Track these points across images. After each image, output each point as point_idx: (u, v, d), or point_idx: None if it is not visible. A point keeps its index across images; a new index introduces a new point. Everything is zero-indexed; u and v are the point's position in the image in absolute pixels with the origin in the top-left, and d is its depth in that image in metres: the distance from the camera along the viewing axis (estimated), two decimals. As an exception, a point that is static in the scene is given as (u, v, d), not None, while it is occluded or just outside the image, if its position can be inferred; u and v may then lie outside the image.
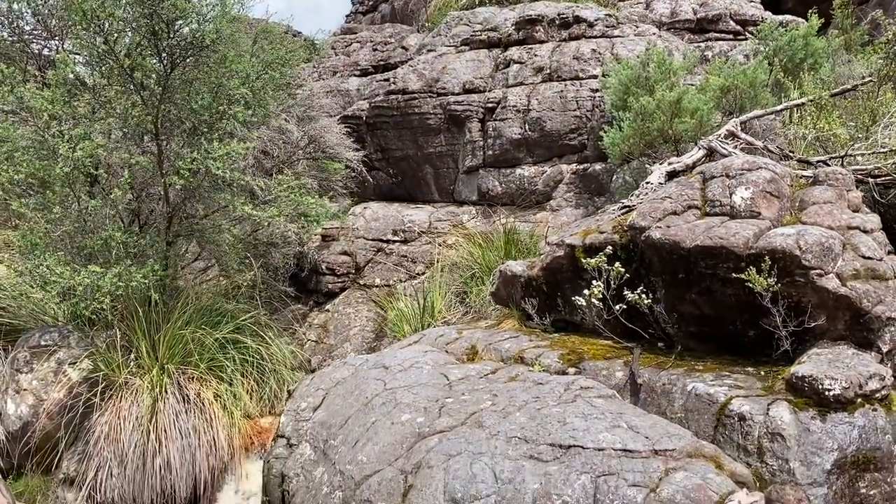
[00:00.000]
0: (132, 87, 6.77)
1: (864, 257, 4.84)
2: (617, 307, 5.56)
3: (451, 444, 4.63)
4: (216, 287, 8.05)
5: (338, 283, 9.20)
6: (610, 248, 5.70)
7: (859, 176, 6.03)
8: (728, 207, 5.29)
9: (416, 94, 10.34)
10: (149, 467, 5.98)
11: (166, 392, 6.30)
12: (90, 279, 6.13)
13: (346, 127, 10.11)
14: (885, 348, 4.73)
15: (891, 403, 4.49)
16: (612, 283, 5.61)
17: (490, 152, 10.00)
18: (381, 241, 9.55)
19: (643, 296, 5.41)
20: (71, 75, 6.78)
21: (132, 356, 6.49)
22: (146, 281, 6.41)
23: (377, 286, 9.14)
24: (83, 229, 6.74)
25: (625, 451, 4.26)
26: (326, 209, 7.82)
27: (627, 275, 5.55)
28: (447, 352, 6.42)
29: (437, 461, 4.52)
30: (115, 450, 6.03)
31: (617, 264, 5.57)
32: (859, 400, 4.34)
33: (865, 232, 5.07)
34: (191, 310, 6.97)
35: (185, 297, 7.20)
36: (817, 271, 4.70)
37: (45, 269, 6.33)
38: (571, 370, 5.59)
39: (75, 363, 6.53)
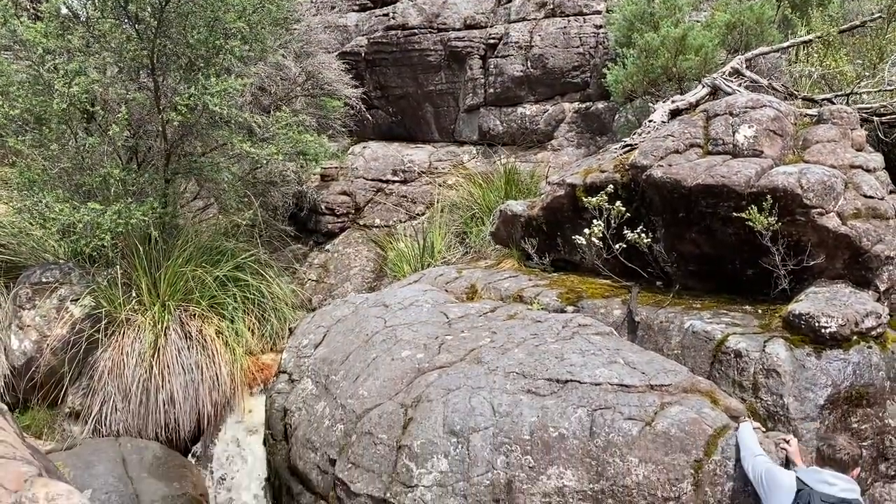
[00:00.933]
0: (127, 19, 6.62)
1: (865, 196, 4.82)
2: (616, 246, 5.57)
3: (451, 379, 4.70)
4: (216, 226, 8.02)
5: (337, 223, 9.18)
6: (611, 187, 5.67)
7: (864, 114, 5.95)
8: (730, 146, 5.24)
9: (415, 30, 10.13)
10: (152, 402, 6.07)
11: (168, 329, 6.35)
12: (90, 216, 6.11)
13: (344, 63, 9.93)
14: (882, 287, 4.76)
15: (886, 341, 4.54)
16: (612, 222, 5.60)
17: (491, 90, 9.86)
18: (380, 181, 9.48)
19: (643, 235, 5.41)
20: (64, 8, 6.63)
21: (133, 293, 6.51)
22: (146, 219, 6.39)
23: (377, 226, 9.13)
24: (81, 166, 6.68)
25: (621, 385, 4.32)
26: (325, 148, 7.74)
27: (628, 214, 5.54)
28: (447, 291, 6.45)
29: (436, 395, 4.60)
30: (119, 385, 6.11)
31: (618, 203, 5.56)
32: (855, 337, 4.39)
33: (868, 171, 5.04)
34: (191, 248, 6.97)
35: (185, 235, 7.19)
36: (818, 210, 4.69)
37: (43, 206, 6.30)
38: (570, 308, 5.63)
39: (77, 300, 6.56)
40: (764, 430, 4.08)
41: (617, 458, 3.96)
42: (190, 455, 6.26)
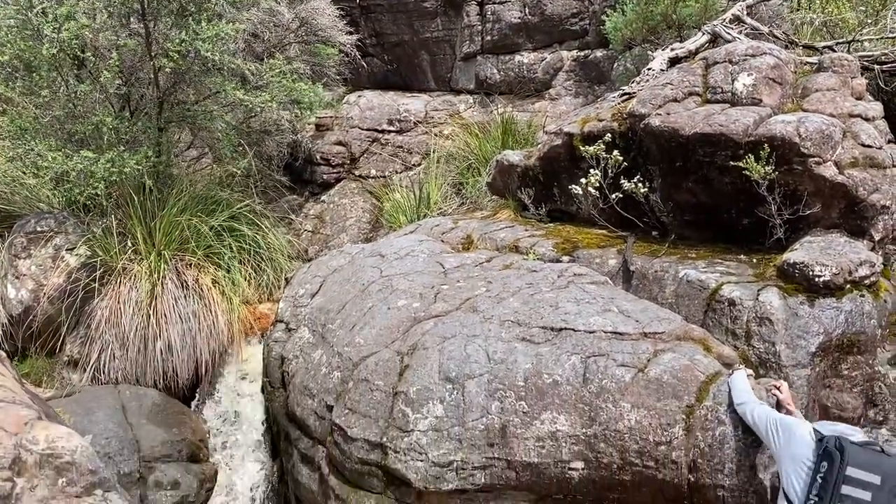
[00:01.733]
0: (115, -37, 6.46)
1: (863, 145, 4.80)
2: (613, 196, 5.56)
3: (447, 328, 4.74)
4: (210, 175, 7.97)
5: (333, 173, 9.12)
6: (608, 136, 5.63)
7: (865, 62, 5.88)
8: (729, 94, 5.19)
9: (411, -25, 9.93)
10: (150, 350, 6.12)
11: (164, 278, 6.36)
12: (83, 165, 6.06)
13: (338, 9, 9.72)
14: (877, 236, 4.77)
15: (878, 290, 4.57)
16: (609, 171, 5.57)
17: (488, 38, 9.70)
18: (376, 130, 9.39)
19: (640, 184, 5.40)
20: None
21: (129, 243, 6.50)
22: (140, 167, 6.35)
23: (372, 177, 9.07)
24: (73, 114, 6.60)
25: (615, 333, 4.36)
26: (320, 96, 7.64)
27: (625, 163, 5.52)
28: (443, 241, 6.45)
29: (432, 343, 4.64)
30: (117, 333, 6.15)
31: (615, 153, 5.52)
32: (848, 286, 4.42)
33: (867, 120, 5.01)
34: (185, 197, 6.94)
35: (180, 184, 7.15)
36: (815, 159, 4.67)
37: (35, 154, 6.25)
38: (565, 258, 5.64)
39: (73, 249, 6.55)
40: (755, 376, 4.13)
41: (609, 404, 4.02)
42: (189, 403, 6.33)
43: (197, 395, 6.35)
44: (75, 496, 3.46)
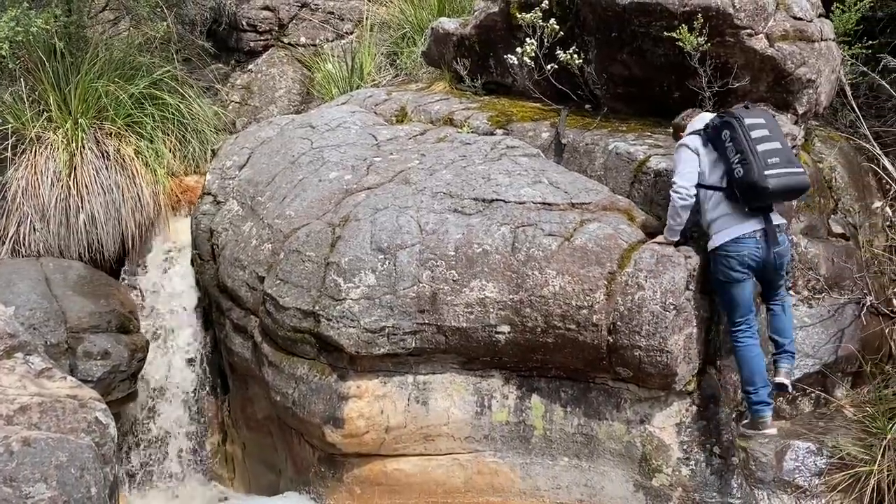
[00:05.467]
0: None
1: (795, 18, 4.82)
2: (548, 67, 5.48)
3: (379, 199, 4.72)
4: (128, 40, 7.47)
5: (260, 40, 8.66)
6: (546, 2, 5.48)
7: (804, -67, 5.79)
8: (669, -38, 5.07)
9: None
10: (73, 222, 5.92)
11: (83, 147, 6.06)
12: (-17, 23, 5.61)
13: None
14: (801, 110, 4.89)
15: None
16: (545, 41, 5.47)
17: None
18: (305, -6, 8.90)
19: (575, 56, 5.33)
20: None
21: (42, 110, 6.14)
22: (48, 27, 5.92)
23: (302, 45, 8.66)
24: (-33, -34, 6.04)
25: (544, 204, 4.43)
26: (244, -45, 7.15)
27: (561, 33, 5.41)
28: (376, 113, 6.32)
29: (364, 214, 4.63)
30: (35, 205, 5.90)
31: (552, 21, 5.40)
32: (768, 158, 4.53)
33: (800, -8, 5.00)
34: (102, 62, 6.52)
35: (95, 48, 6.70)
36: (748, 31, 4.68)
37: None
38: (499, 131, 5.62)
39: (-21, 115, 6.17)
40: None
41: (536, 271, 4.14)
42: (117, 276, 6.22)
43: (125, 267, 6.24)
44: (-5, 359, 3.42)
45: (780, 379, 4.10)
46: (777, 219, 4.06)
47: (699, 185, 4.13)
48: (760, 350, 4.10)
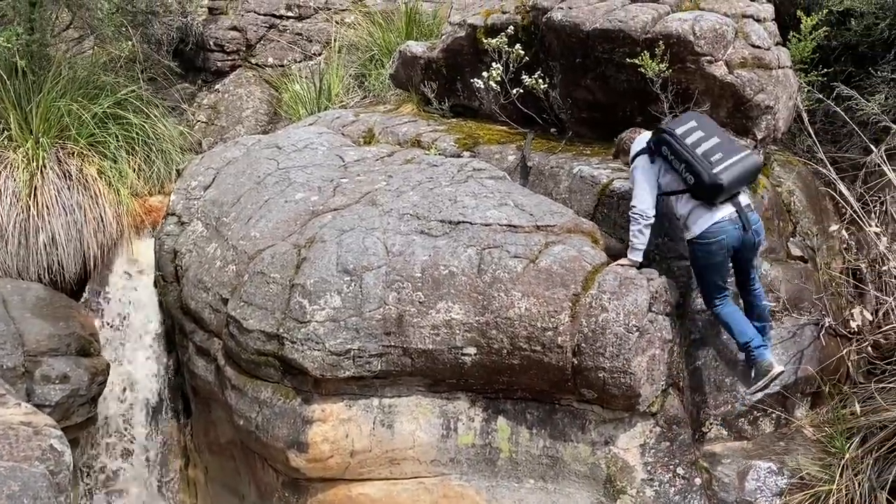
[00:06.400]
0: None
1: (753, 46, 4.95)
2: (514, 91, 5.56)
3: (345, 221, 4.71)
4: (93, 58, 7.39)
5: (227, 60, 8.63)
6: (511, 28, 5.58)
7: (761, -36, 5.97)
8: (631, -10, 5.19)
9: None
10: (32, 243, 5.79)
11: (45, 167, 5.96)
12: (-58, 41, 5.52)
13: None
14: (760, 135, 5.00)
15: (757, 187, 4.86)
16: (511, 65, 5.55)
17: (393, -78, 9.24)
18: (273, 16, 8.87)
19: (540, 80, 5.41)
20: None
21: (1, 128, 6.04)
22: (10, 46, 5.85)
23: (270, 66, 8.65)
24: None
25: (510, 226, 4.46)
26: (212, -24, 7.14)
27: (527, 58, 5.50)
28: (343, 134, 6.32)
29: (330, 236, 4.61)
30: (-7, 225, 5.80)
31: (517, 46, 5.49)
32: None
33: (758, 21, 5.15)
34: (65, 81, 6.44)
35: (58, 67, 6.62)
36: (708, 58, 4.79)
37: None
38: (466, 154, 5.66)
39: (-63, 133, 6.04)
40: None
41: (502, 293, 4.15)
42: (78, 297, 6.10)
43: (86, 289, 6.12)
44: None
45: (779, 367, 4.31)
46: (745, 199, 4.29)
47: (663, 194, 4.31)
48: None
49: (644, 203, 4.24)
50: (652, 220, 4.25)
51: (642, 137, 4.48)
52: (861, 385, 4.75)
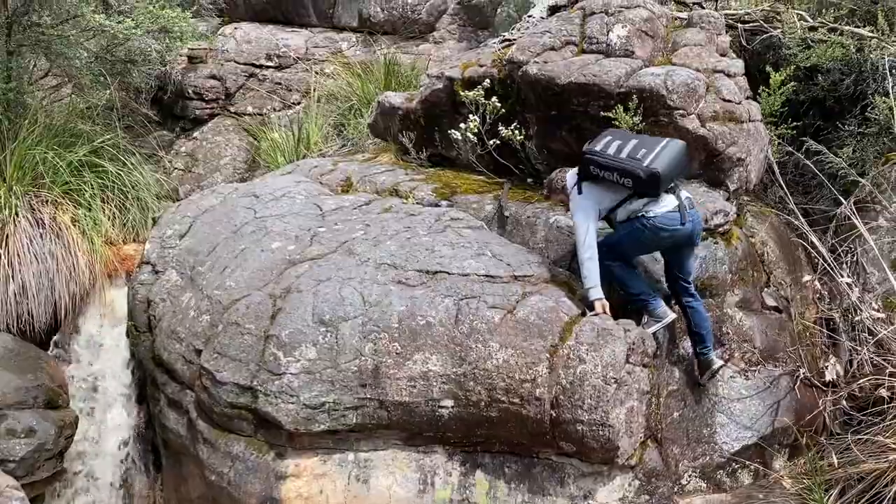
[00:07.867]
0: None
1: (724, 100, 5.07)
2: (491, 142, 5.62)
3: (322, 270, 4.68)
4: (70, 106, 7.38)
5: (206, 109, 8.67)
6: (488, 81, 5.66)
7: (730, 21, 6.17)
8: (604, 45, 5.32)
9: None
10: (2, 292, 5.68)
11: (17, 215, 5.89)
12: (-83, 88, 5.48)
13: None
14: (732, 187, 5.09)
15: (731, 237, 4.91)
16: (488, 117, 5.62)
17: (372, -26, 9.41)
18: (253, 65, 8.96)
19: (516, 132, 5.48)
20: None
21: (-26, 176, 5.98)
22: (-15, 94, 5.81)
23: (249, 114, 8.70)
24: None
25: (487, 276, 4.46)
26: (192, 26, 7.20)
27: (503, 110, 5.57)
28: (321, 183, 6.32)
29: (306, 286, 4.58)
30: (-38, 274, 5.69)
31: (494, 98, 5.56)
32: (704, 233, 4.69)
33: (729, 76, 5.28)
34: (40, 129, 6.41)
35: (34, 114, 6.59)
36: (680, 112, 4.90)
37: None
38: (444, 203, 5.68)
39: None
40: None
41: (479, 344, 4.13)
42: (47, 348, 5.97)
43: (56, 339, 6.00)
44: None
45: (719, 362, 4.47)
46: (684, 194, 4.40)
47: (612, 210, 4.41)
48: None
49: (585, 235, 4.29)
50: (594, 251, 4.29)
51: (573, 172, 4.59)
52: (838, 436, 4.74)
